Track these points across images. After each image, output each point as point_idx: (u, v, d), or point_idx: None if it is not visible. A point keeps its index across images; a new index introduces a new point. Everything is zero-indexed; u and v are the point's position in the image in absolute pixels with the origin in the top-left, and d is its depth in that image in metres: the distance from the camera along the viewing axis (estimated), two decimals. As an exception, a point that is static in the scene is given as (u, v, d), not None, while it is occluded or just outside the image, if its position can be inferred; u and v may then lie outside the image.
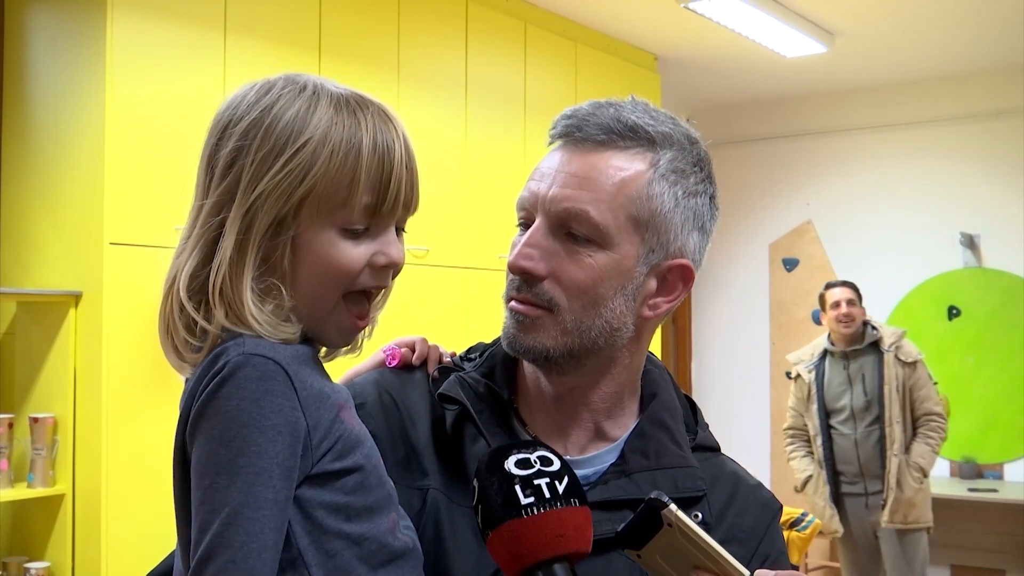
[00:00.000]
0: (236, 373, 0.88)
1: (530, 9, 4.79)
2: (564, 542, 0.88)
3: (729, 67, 5.98)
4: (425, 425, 1.13)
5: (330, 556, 0.91)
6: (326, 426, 0.92)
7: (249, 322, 0.92)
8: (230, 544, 0.84)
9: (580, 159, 1.07)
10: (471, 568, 1.03)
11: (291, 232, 0.94)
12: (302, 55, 3.67)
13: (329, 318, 0.97)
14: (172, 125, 3.29)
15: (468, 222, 4.28)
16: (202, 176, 0.98)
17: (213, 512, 0.85)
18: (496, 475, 0.91)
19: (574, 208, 1.05)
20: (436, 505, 1.07)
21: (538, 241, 1.06)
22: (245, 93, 0.98)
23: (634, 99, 1.12)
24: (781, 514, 1.18)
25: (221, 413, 0.87)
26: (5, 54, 3.46)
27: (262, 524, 0.85)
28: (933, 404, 4.64)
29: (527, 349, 1.08)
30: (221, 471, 0.86)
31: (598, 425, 1.14)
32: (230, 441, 0.86)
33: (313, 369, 0.96)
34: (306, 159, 0.92)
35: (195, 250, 0.95)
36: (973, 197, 6.13)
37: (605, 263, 1.06)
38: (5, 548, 3.28)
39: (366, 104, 0.97)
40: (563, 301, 1.06)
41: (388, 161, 0.95)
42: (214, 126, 0.98)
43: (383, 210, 0.96)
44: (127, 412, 3.13)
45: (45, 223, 3.30)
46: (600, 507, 1.05)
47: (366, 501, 0.94)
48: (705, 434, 1.20)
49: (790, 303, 6.71)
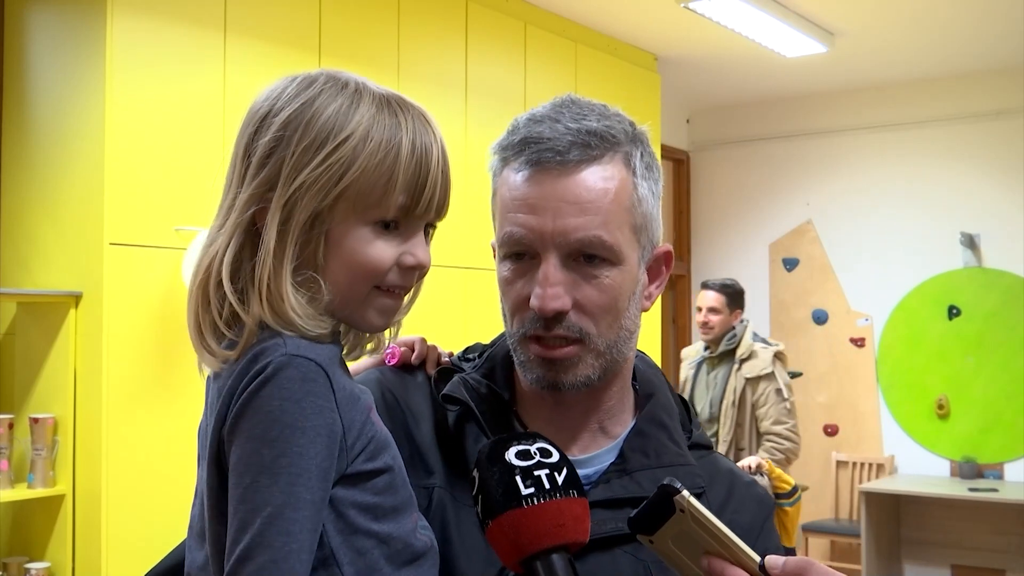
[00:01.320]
0: (279, 373, 0.88)
1: (530, 9, 4.79)
2: (563, 532, 0.90)
3: (729, 67, 5.98)
4: (428, 425, 1.14)
5: (360, 555, 0.92)
6: (359, 427, 0.93)
7: (288, 315, 0.92)
8: (271, 544, 0.85)
9: (569, 183, 1.06)
10: (477, 566, 1.04)
11: (326, 226, 0.94)
12: (302, 55, 3.67)
13: (362, 305, 0.98)
14: (172, 125, 3.29)
15: (468, 222, 4.28)
16: (238, 165, 0.97)
17: (254, 511, 0.86)
18: (497, 466, 0.92)
19: (586, 237, 1.05)
20: (442, 504, 1.08)
21: (558, 279, 1.06)
22: (285, 86, 0.97)
23: (568, 98, 1.11)
24: (775, 511, 1.18)
25: (263, 412, 0.87)
26: (5, 54, 3.46)
27: (302, 525, 0.86)
28: (773, 423, 4.39)
29: (572, 385, 1.09)
30: (264, 471, 0.86)
31: (602, 425, 1.15)
32: (273, 441, 0.87)
33: (343, 370, 0.98)
34: (347, 155, 0.93)
35: (232, 239, 0.95)
36: (973, 197, 6.13)
37: (620, 278, 1.08)
38: (5, 548, 3.28)
39: (407, 106, 0.98)
40: (592, 328, 1.07)
41: (425, 163, 0.96)
42: (251, 116, 0.98)
43: (416, 212, 0.97)
44: (127, 412, 3.13)
45: (45, 223, 3.30)
46: (602, 506, 1.06)
47: (394, 501, 0.96)
48: (699, 433, 1.22)
49: (790, 303, 6.71)
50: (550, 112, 1.09)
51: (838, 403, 6.51)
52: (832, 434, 6.51)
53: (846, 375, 6.49)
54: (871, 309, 6.44)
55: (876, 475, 6.23)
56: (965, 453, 6.07)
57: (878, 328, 6.40)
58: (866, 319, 6.44)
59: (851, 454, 6.41)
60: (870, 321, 6.43)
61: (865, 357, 6.44)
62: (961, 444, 6.09)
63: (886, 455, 6.30)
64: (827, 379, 6.55)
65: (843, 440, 6.47)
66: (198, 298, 0.96)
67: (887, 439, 6.34)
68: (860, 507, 5.83)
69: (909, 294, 6.31)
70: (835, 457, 6.42)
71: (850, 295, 6.50)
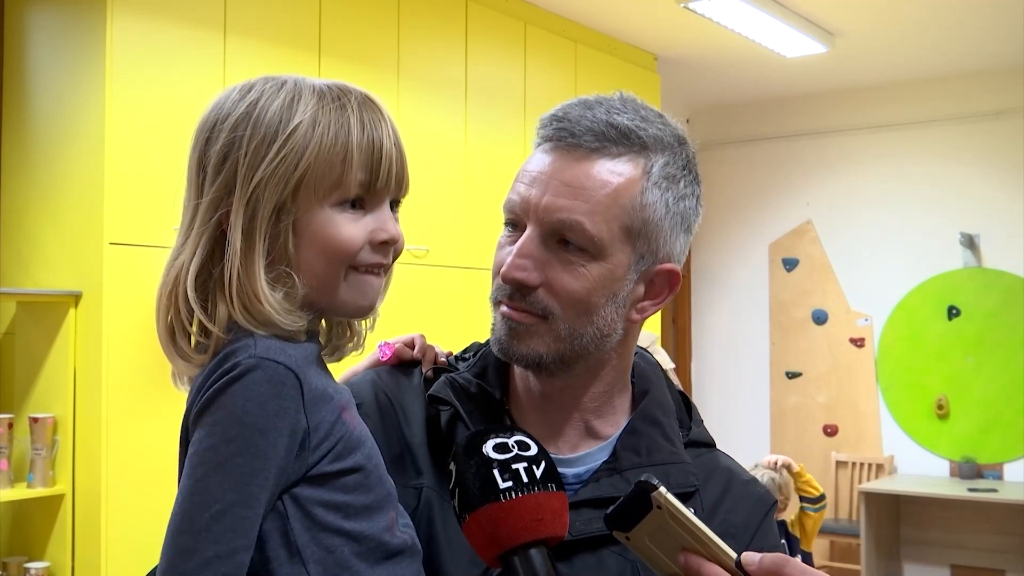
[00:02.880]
0: (247, 375, 0.89)
1: (530, 9, 4.79)
2: (541, 526, 0.89)
3: (729, 67, 5.98)
4: (420, 425, 1.14)
5: (329, 552, 0.92)
6: (327, 428, 0.93)
7: (264, 312, 0.93)
8: (219, 539, 0.86)
9: (573, 166, 1.06)
10: (464, 565, 1.04)
11: (291, 217, 0.95)
12: (302, 55, 3.67)
13: (340, 289, 0.98)
14: (172, 125, 3.29)
15: (468, 222, 4.28)
16: (193, 177, 1.00)
17: (202, 506, 0.87)
18: (474, 459, 0.92)
19: (568, 219, 1.05)
20: (429, 503, 1.08)
21: (531, 251, 1.06)
22: (228, 94, 1.00)
23: (623, 96, 1.11)
24: (775, 509, 1.18)
25: (226, 410, 0.88)
26: (5, 54, 3.46)
27: (250, 523, 0.88)
28: None
29: (520, 356, 1.08)
30: (218, 467, 0.87)
31: (588, 424, 1.14)
32: (231, 439, 0.88)
33: (320, 369, 0.98)
34: (299, 142, 0.94)
35: (197, 248, 0.97)
36: (973, 197, 6.13)
37: (598, 273, 1.06)
38: (5, 548, 3.28)
39: (348, 90, 1.00)
40: (557, 310, 1.06)
41: (377, 138, 0.98)
42: (201, 128, 1.00)
43: (377, 186, 0.98)
44: (127, 412, 3.13)
45: (45, 223, 3.30)
46: (590, 505, 1.06)
47: (365, 500, 0.96)
48: (699, 430, 1.20)
49: (790, 303, 6.71)
50: (595, 100, 1.10)
51: (838, 403, 6.51)
52: (832, 434, 6.51)
53: (846, 375, 6.49)
54: (871, 309, 6.44)
55: (876, 475, 6.23)
56: (965, 453, 6.07)
57: (878, 328, 6.40)
58: (866, 319, 6.44)
59: (851, 454, 6.41)
60: (870, 321, 6.43)
61: (865, 357, 6.44)
62: (961, 444, 6.09)
63: (886, 455, 6.30)
64: (827, 379, 6.55)
65: (843, 440, 6.47)
66: (167, 309, 0.97)
67: (887, 439, 6.34)
68: (860, 507, 5.82)
69: (909, 294, 6.30)
70: (835, 457, 6.42)
71: (850, 295, 6.50)
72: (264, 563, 0.91)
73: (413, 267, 3.95)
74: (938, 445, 6.18)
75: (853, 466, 6.36)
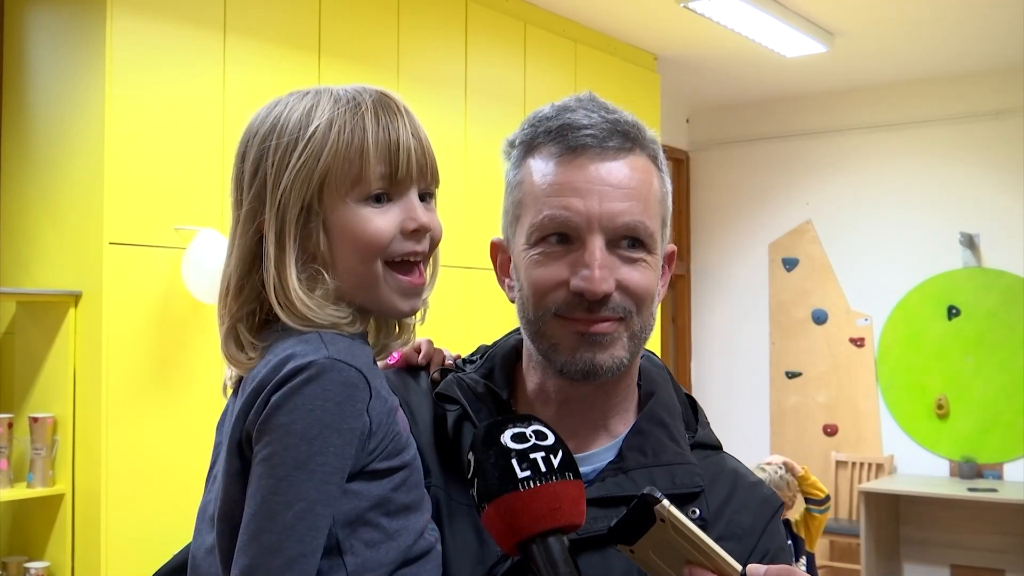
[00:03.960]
0: (322, 376, 0.92)
1: (530, 9, 4.79)
2: (559, 515, 0.90)
3: (729, 67, 5.98)
4: (427, 425, 1.15)
5: (367, 547, 0.95)
6: (384, 427, 0.96)
7: (300, 310, 0.96)
8: (303, 538, 0.88)
9: (612, 167, 1.09)
10: (470, 564, 1.05)
11: (320, 217, 0.99)
12: (302, 55, 3.67)
13: (382, 287, 1.01)
14: (172, 125, 3.29)
15: (469, 222, 4.28)
16: (234, 193, 1.05)
17: (286, 504, 0.89)
18: (493, 449, 0.93)
19: (633, 221, 1.08)
20: (436, 503, 1.08)
21: (605, 261, 1.07)
22: (259, 112, 1.05)
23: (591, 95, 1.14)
24: (782, 512, 1.18)
25: (304, 410, 0.91)
26: (5, 54, 3.46)
27: (328, 521, 0.91)
28: None
29: (608, 368, 1.09)
30: (300, 466, 0.90)
31: (607, 422, 1.15)
32: (312, 439, 0.90)
33: (377, 371, 1.00)
34: (317, 144, 0.98)
35: (240, 257, 1.02)
36: (973, 197, 6.13)
37: (655, 266, 1.11)
38: (5, 548, 3.28)
39: (364, 90, 1.03)
40: (633, 308, 1.09)
41: (393, 129, 1.01)
42: (239, 147, 1.05)
43: (399, 177, 1.00)
44: (127, 412, 3.13)
45: (45, 223, 3.30)
46: (597, 504, 1.06)
47: (406, 499, 0.98)
48: (706, 432, 1.21)
49: (790, 303, 6.71)
50: (579, 104, 1.12)
51: (838, 403, 6.51)
52: (831, 434, 6.51)
53: (846, 375, 6.49)
54: (871, 309, 6.44)
55: (875, 475, 6.24)
56: (964, 453, 6.07)
57: (878, 328, 6.40)
58: (866, 319, 6.44)
59: (850, 454, 6.41)
60: (870, 321, 6.43)
61: (865, 357, 6.44)
62: (960, 444, 6.09)
63: (885, 455, 6.30)
64: (827, 379, 6.55)
65: (842, 440, 6.47)
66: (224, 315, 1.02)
67: (886, 439, 6.34)
68: (859, 507, 5.82)
69: (909, 294, 6.30)
70: (834, 457, 6.42)
71: (850, 295, 6.50)
72: None
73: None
74: (938, 445, 6.18)
75: (853, 466, 6.36)
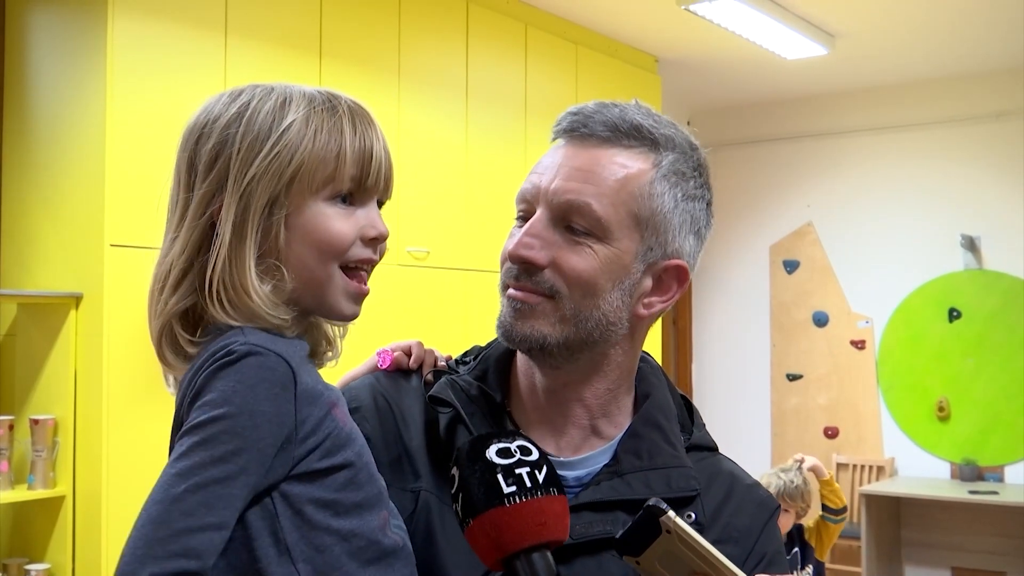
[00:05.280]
0: (240, 360, 0.91)
1: (531, 11, 4.80)
2: (544, 530, 0.90)
3: (730, 69, 5.98)
4: (418, 428, 1.14)
5: (319, 551, 0.93)
6: (315, 423, 0.94)
7: (250, 304, 0.95)
8: (191, 512, 0.86)
9: (584, 154, 1.09)
10: (463, 567, 1.04)
11: (284, 211, 0.97)
12: (303, 57, 3.67)
13: (330, 287, 1.00)
14: (173, 126, 3.26)
15: (469, 224, 4.28)
16: (183, 176, 1.01)
17: (179, 478, 0.87)
18: (478, 464, 0.92)
19: (576, 200, 1.07)
20: (427, 506, 1.08)
21: (539, 231, 1.08)
22: (217, 99, 1.03)
23: (638, 103, 1.14)
24: (778, 513, 1.18)
25: (217, 392, 0.90)
26: (6, 55, 3.46)
27: (225, 502, 0.87)
28: None
29: (524, 337, 1.08)
30: (200, 444, 0.88)
31: (593, 423, 1.14)
32: (217, 419, 0.88)
33: (310, 367, 0.99)
34: (293, 138, 0.97)
35: (188, 243, 0.98)
36: (974, 199, 6.13)
37: (604, 255, 1.07)
38: (5, 550, 3.28)
39: (337, 96, 1.03)
40: (563, 289, 1.07)
41: (368, 138, 1.01)
42: (190, 129, 1.03)
43: (367, 183, 1.00)
44: (127, 414, 3.13)
45: (46, 224, 3.30)
46: (592, 508, 1.06)
47: (356, 498, 0.96)
48: (701, 434, 1.20)
49: (791, 304, 6.71)
50: (612, 103, 1.13)
51: (838, 405, 6.50)
52: (832, 436, 6.51)
53: (846, 377, 6.49)
54: (872, 311, 6.44)
55: (876, 477, 6.23)
56: (965, 455, 6.06)
57: (878, 330, 6.40)
58: (866, 321, 6.44)
59: (851, 456, 6.40)
60: (870, 323, 6.43)
61: (865, 359, 6.44)
62: (961, 446, 6.09)
63: (886, 457, 6.30)
64: (827, 381, 6.55)
65: (843, 442, 6.47)
66: (162, 306, 0.99)
67: (887, 441, 6.34)
68: (860, 509, 5.82)
69: (909, 296, 6.30)
70: (835, 459, 6.42)
71: (851, 297, 6.50)
72: (253, 562, 0.91)
73: (414, 269, 3.95)
74: (939, 447, 6.17)
75: (854, 468, 6.36)
